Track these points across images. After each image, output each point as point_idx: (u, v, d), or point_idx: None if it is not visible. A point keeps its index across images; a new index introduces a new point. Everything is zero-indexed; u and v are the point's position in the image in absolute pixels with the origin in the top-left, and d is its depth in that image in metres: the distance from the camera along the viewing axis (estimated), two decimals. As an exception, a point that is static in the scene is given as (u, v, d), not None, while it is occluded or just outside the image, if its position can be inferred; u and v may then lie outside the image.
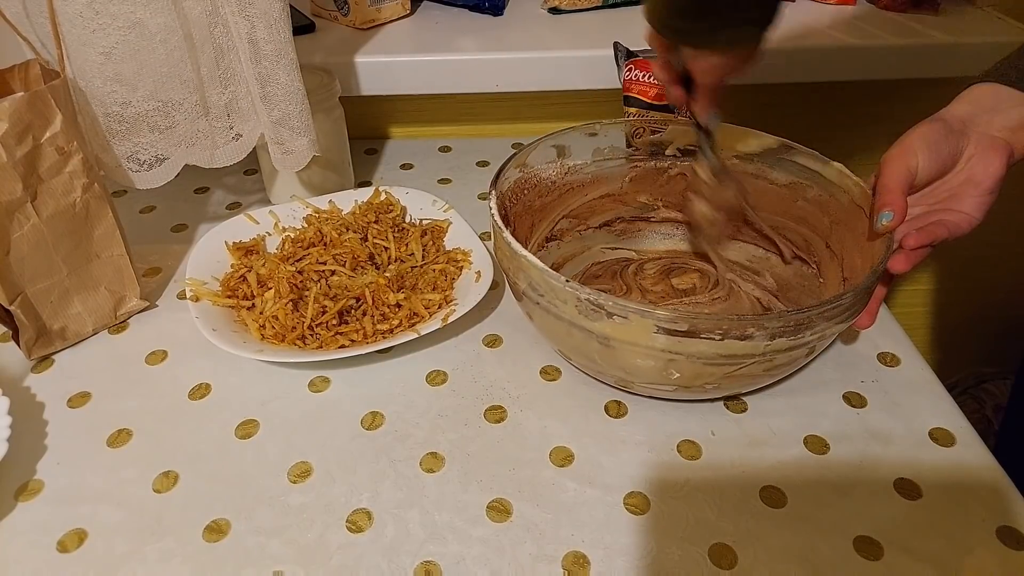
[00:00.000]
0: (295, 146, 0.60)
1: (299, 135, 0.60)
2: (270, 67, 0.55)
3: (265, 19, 0.53)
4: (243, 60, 0.55)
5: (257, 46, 0.54)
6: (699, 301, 0.55)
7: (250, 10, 0.53)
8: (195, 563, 0.39)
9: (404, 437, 0.46)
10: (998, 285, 1.02)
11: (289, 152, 0.60)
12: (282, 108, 0.58)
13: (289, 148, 0.60)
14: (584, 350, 0.44)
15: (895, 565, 0.39)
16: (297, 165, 0.61)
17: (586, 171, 0.58)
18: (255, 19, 0.53)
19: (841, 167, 0.51)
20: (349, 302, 0.52)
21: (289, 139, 0.59)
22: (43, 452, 0.46)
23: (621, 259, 0.60)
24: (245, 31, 0.53)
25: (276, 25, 0.54)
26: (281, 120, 0.58)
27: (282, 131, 0.59)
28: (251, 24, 0.53)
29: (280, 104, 0.57)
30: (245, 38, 0.54)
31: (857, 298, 0.41)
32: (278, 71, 0.56)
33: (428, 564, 0.39)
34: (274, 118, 0.58)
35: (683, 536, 0.40)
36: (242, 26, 0.53)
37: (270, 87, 0.56)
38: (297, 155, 0.61)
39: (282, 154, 0.60)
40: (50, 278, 0.50)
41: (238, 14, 0.53)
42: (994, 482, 0.43)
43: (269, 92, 0.57)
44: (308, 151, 0.61)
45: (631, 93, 0.62)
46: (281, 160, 0.61)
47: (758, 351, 0.40)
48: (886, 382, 0.50)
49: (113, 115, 0.55)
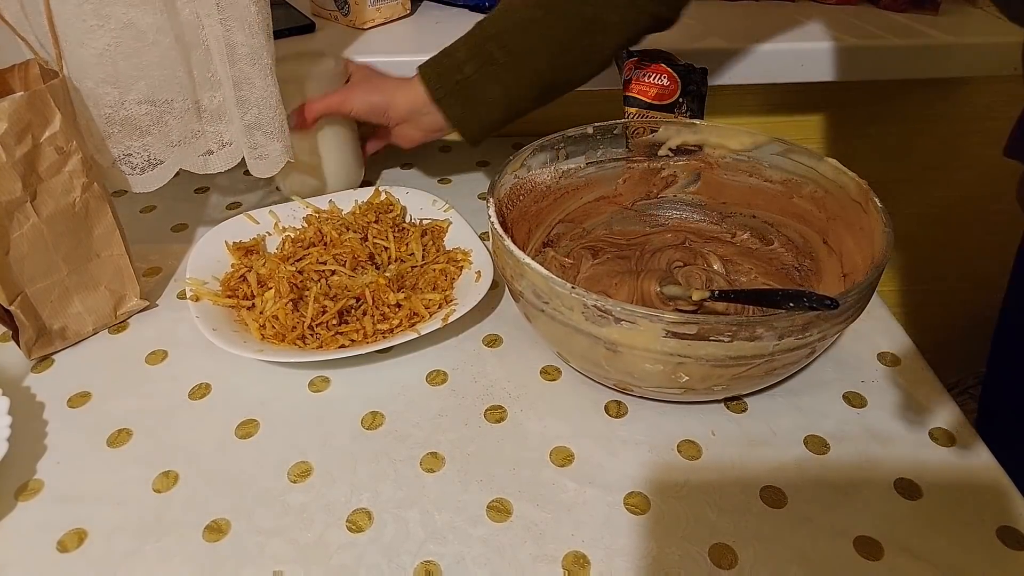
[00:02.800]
0: (268, 151, 0.59)
1: (272, 139, 0.59)
2: (245, 70, 0.55)
3: (240, 22, 0.53)
4: (219, 63, 0.55)
5: (233, 49, 0.54)
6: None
7: (226, 12, 0.52)
8: (195, 563, 0.39)
9: (404, 437, 0.46)
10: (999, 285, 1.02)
11: (262, 157, 0.60)
12: (255, 112, 0.57)
13: (262, 153, 0.59)
14: (590, 356, 0.44)
15: (895, 565, 0.39)
16: (270, 170, 0.61)
17: (580, 174, 0.58)
18: (231, 22, 0.53)
19: (836, 163, 0.51)
20: (349, 302, 0.52)
21: (263, 143, 0.59)
22: (43, 452, 0.46)
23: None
24: (221, 34, 0.53)
25: (251, 28, 0.53)
26: (254, 124, 0.58)
27: (255, 135, 0.58)
28: (226, 27, 0.53)
29: (253, 108, 0.57)
30: (222, 40, 0.53)
31: (861, 295, 0.41)
32: (252, 74, 0.55)
33: (428, 564, 0.39)
34: (247, 122, 0.57)
35: (683, 536, 0.40)
36: (218, 29, 0.53)
37: (244, 90, 0.56)
38: (270, 160, 0.60)
39: (255, 159, 0.60)
40: (50, 278, 0.50)
41: (215, 16, 0.52)
42: (994, 482, 0.43)
43: (243, 95, 0.56)
44: (282, 156, 0.60)
45: (631, 93, 0.62)
46: (254, 165, 0.60)
47: (767, 351, 0.40)
48: (886, 382, 0.50)
49: (106, 116, 0.55)
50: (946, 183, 0.92)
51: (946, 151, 0.90)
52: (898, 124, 0.87)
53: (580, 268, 0.57)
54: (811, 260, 0.54)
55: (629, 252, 0.58)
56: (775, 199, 0.56)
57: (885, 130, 0.88)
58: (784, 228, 0.57)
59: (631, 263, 0.57)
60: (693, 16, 0.76)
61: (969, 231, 0.97)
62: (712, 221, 0.60)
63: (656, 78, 0.60)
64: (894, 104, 0.86)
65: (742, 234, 0.59)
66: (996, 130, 0.88)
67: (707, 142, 0.57)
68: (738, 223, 0.59)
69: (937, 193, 0.93)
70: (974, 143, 0.89)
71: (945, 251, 0.99)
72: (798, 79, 0.72)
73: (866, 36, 0.71)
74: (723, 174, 0.58)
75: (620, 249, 0.59)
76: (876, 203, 0.47)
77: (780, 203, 0.56)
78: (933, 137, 0.88)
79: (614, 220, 0.61)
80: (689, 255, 0.57)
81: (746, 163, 0.57)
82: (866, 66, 0.71)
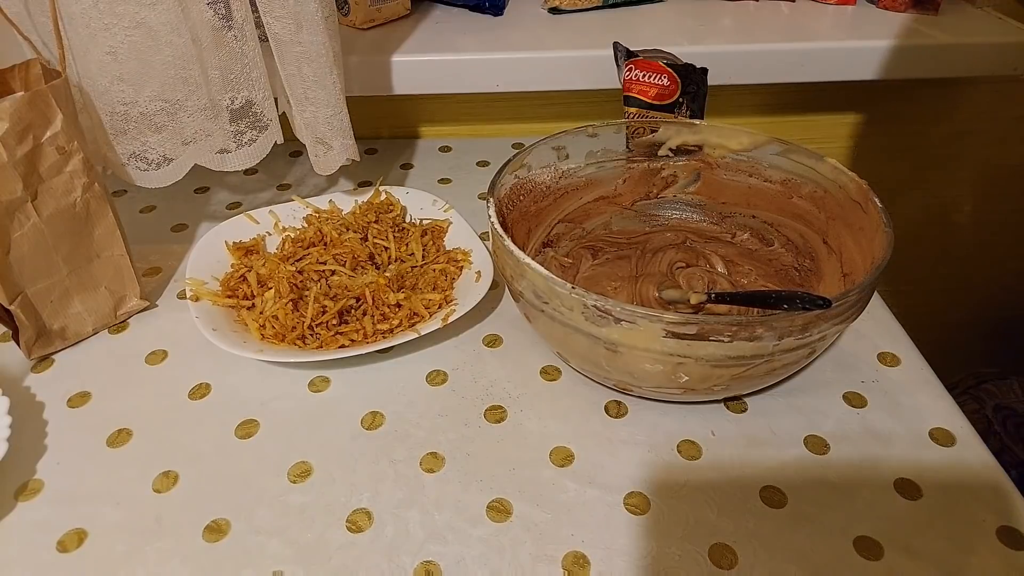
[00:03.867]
0: (329, 148, 0.60)
1: (334, 136, 0.59)
2: (303, 68, 0.55)
3: (296, 18, 0.53)
4: (277, 61, 0.55)
5: (289, 47, 0.54)
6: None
7: (280, 10, 0.52)
8: (195, 563, 0.39)
9: (404, 437, 0.46)
10: (998, 285, 1.03)
11: (323, 154, 0.60)
12: (312, 110, 0.57)
13: (323, 149, 0.60)
14: (590, 356, 0.44)
15: (895, 565, 0.39)
16: (330, 167, 0.61)
17: (580, 175, 0.58)
18: (286, 19, 0.53)
19: (835, 162, 0.51)
20: (349, 302, 0.52)
21: (324, 140, 0.59)
22: (43, 452, 0.46)
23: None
24: (276, 31, 0.53)
25: (311, 27, 0.53)
26: (311, 122, 0.58)
27: (316, 132, 0.59)
28: (282, 24, 0.53)
29: (310, 106, 0.57)
30: (276, 38, 0.53)
31: (861, 295, 0.41)
32: (307, 73, 0.55)
33: (428, 564, 0.39)
34: (306, 119, 0.58)
35: (683, 536, 0.40)
36: (273, 26, 0.53)
37: (298, 89, 0.56)
38: (330, 157, 0.60)
39: (314, 156, 0.60)
40: (50, 278, 0.50)
41: (268, 13, 0.53)
42: (994, 482, 0.43)
43: (298, 94, 0.57)
44: (341, 153, 0.60)
45: (631, 93, 0.62)
46: (314, 162, 0.61)
47: (767, 351, 0.40)
48: (886, 382, 0.50)
49: (118, 114, 0.55)
50: (946, 183, 0.92)
51: (946, 151, 0.90)
52: (898, 124, 0.87)
53: (580, 268, 0.57)
54: (811, 260, 0.54)
55: (629, 252, 0.58)
56: (775, 199, 0.56)
57: (884, 130, 0.88)
58: (784, 228, 0.57)
59: (631, 263, 0.57)
60: (693, 16, 0.76)
61: (969, 231, 0.97)
62: (712, 221, 0.60)
63: (656, 78, 0.60)
64: (894, 104, 0.86)
65: (742, 234, 0.59)
66: (995, 130, 0.88)
67: (707, 142, 0.58)
68: (738, 223, 0.59)
69: (937, 193, 0.93)
70: (974, 143, 0.89)
71: (945, 251, 0.99)
72: (798, 79, 0.72)
73: (865, 36, 0.71)
74: (723, 174, 0.58)
75: (620, 248, 0.59)
76: (876, 203, 0.47)
77: (780, 203, 0.56)
78: (933, 137, 0.88)
79: (614, 220, 0.61)
80: (691, 256, 0.57)
81: (746, 163, 0.57)
82: (865, 66, 0.71)
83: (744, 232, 0.59)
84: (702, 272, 0.55)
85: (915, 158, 0.90)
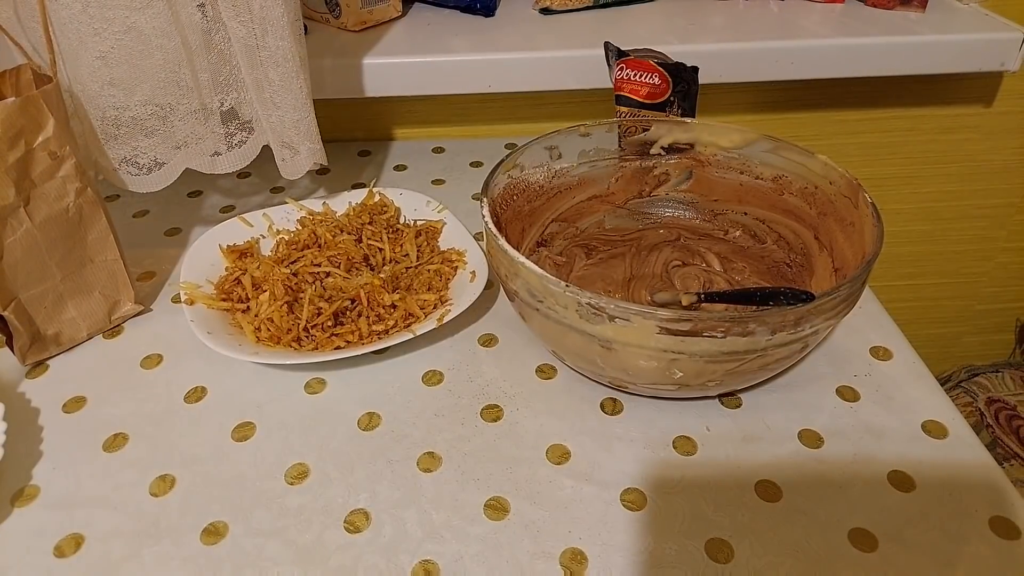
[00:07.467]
0: (296, 152, 0.60)
1: (301, 141, 0.59)
2: (268, 72, 0.55)
3: (262, 24, 0.53)
4: (242, 66, 0.55)
5: (254, 51, 0.54)
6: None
7: (246, 15, 0.52)
8: (193, 566, 0.39)
9: (401, 437, 0.47)
10: (989, 278, 1.03)
11: (289, 158, 0.60)
12: (279, 114, 0.57)
13: (290, 154, 0.60)
14: (585, 354, 0.44)
15: (889, 557, 0.39)
16: (297, 172, 0.61)
17: (573, 174, 0.59)
18: (252, 24, 0.53)
19: (826, 158, 0.52)
20: (344, 303, 0.52)
21: (290, 144, 0.59)
22: (39, 457, 0.45)
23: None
24: (242, 36, 0.53)
25: (277, 31, 0.53)
26: (279, 125, 0.58)
27: (282, 136, 0.58)
28: (248, 29, 0.53)
29: (277, 110, 0.57)
30: (242, 42, 0.53)
31: (852, 290, 0.42)
32: (275, 77, 0.55)
33: (426, 563, 0.39)
34: (272, 123, 0.58)
35: (680, 531, 0.41)
36: (240, 31, 0.53)
37: (266, 92, 0.56)
38: (297, 161, 0.60)
39: (281, 160, 0.60)
40: (44, 283, 0.50)
41: (234, 19, 0.52)
42: (987, 473, 0.44)
43: (266, 98, 0.56)
44: (309, 157, 0.60)
45: (622, 92, 0.62)
46: (281, 166, 0.61)
47: (760, 346, 0.40)
48: (879, 376, 0.51)
49: (109, 119, 0.55)
50: (935, 178, 0.93)
51: (934, 147, 0.90)
52: (887, 120, 0.88)
53: (574, 267, 0.57)
54: (803, 256, 0.55)
55: (623, 250, 0.58)
56: (766, 196, 0.57)
57: (874, 126, 0.88)
58: (775, 224, 0.57)
59: (625, 261, 0.57)
60: (683, 15, 0.76)
61: (959, 225, 0.98)
62: (704, 219, 0.61)
63: (647, 77, 0.60)
64: (883, 100, 0.86)
65: (734, 231, 0.59)
66: (984, 126, 0.89)
67: (698, 140, 0.58)
68: (730, 220, 0.60)
69: (926, 188, 0.94)
70: (962, 139, 0.90)
71: (936, 245, 1.00)
72: (788, 77, 0.72)
73: (854, 33, 0.71)
74: (715, 172, 0.59)
75: (614, 247, 0.59)
76: (866, 198, 0.48)
77: (771, 200, 0.57)
78: (922, 133, 0.89)
79: (607, 219, 0.61)
80: (687, 254, 0.57)
81: (737, 160, 0.57)
82: (854, 63, 0.72)
83: (736, 229, 0.59)
84: (698, 271, 0.55)
85: (904, 153, 0.91)
